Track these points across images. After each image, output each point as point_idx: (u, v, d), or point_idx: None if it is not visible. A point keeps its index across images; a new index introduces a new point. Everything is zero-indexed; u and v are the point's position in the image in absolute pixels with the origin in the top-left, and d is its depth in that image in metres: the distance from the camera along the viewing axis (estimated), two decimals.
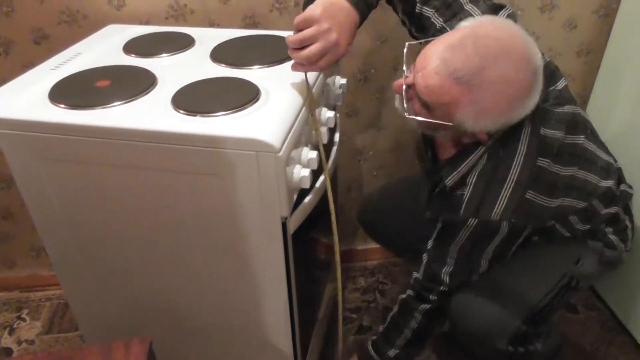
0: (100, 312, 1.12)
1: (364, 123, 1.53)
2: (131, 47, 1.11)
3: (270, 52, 1.06)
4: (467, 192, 0.95)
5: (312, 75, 0.96)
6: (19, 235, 1.61)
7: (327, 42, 0.88)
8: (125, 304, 1.09)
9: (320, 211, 1.01)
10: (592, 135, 1.02)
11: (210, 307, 1.03)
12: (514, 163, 0.91)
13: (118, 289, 1.06)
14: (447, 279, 1.05)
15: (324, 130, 0.96)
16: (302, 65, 0.91)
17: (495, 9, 0.97)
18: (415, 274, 1.13)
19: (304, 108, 0.91)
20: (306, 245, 1.14)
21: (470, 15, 0.95)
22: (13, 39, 1.29)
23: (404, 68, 0.94)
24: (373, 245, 1.79)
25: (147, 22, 1.30)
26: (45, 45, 1.31)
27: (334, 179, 1.17)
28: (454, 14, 0.97)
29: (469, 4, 0.97)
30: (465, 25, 0.88)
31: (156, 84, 0.95)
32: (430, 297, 1.10)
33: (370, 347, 1.21)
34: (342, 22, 0.89)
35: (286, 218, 0.86)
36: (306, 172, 0.87)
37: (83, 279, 1.06)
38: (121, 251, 1.00)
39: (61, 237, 1.00)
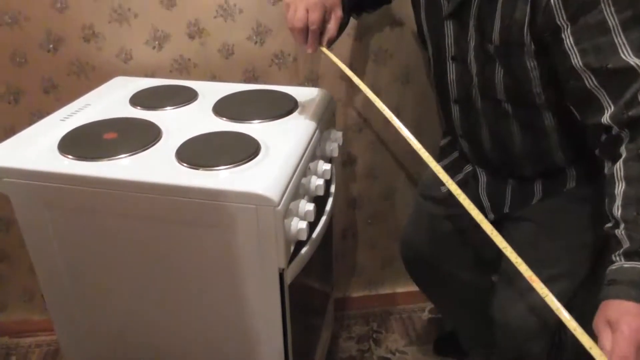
0: (93, 357, 1.12)
1: (359, 172, 1.58)
2: (137, 99, 1.16)
3: (269, 107, 1.11)
4: None
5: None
6: (13, 278, 1.62)
7: (315, 5, 0.89)
8: (121, 350, 1.10)
9: (316, 260, 1.04)
10: None
11: (206, 355, 1.04)
12: None
13: (114, 335, 1.07)
14: None
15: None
16: (316, 42, 0.93)
17: None
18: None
19: (301, 161, 0.95)
20: (302, 293, 1.16)
21: None
22: (23, 88, 1.35)
23: None
24: (368, 292, 1.80)
25: (152, 75, 1.36)
26: (53, 94, 1.36)
27: (329, 227, 1.20)
28: None
29: None
30: None
31: (161, 137, 0.99)
32: None
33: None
34: None
35: (283, 269, 0.89)
36: (303, 225, 0.90)
37: (78, 324, 1.08)
38: (119, 298, 1.02)
39: (60, 282, 1.02)
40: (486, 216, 1.10)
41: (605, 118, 0.77)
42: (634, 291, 0.68)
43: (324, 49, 0.97)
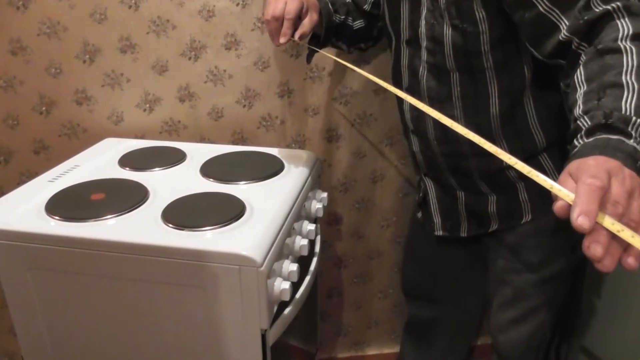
0: None
1: (344, 231, 1.60)
2: (126, 160, 1.19)
3: (256, 168, 1.14)
4: None
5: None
6: None
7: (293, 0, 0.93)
8: None
9: (300, 320, 1.04)
10: None
11: None
12: None
13: None
14: None
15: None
16: (288, 32, 0.94)
17: None
18: None
19: (286, 222, 0.97)
20: (285, 354, 1.15)
21: None
22: (14, 149, 1.37)
23: None
24: (354, 353, 1.78)
25: (142, 136, 1.40)
26: (44, 155, 1.39)
27: (313, 287, 1.21)
28: None
29: None
30: None
31: (148, 198, 1.01)
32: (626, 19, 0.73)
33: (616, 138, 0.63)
34: None
35: (266, 330, 0.89)
36: (286, 285, 0.91)
37: None
38: (99, 358, 1.00)
39: (41, 344, 1.01)
40: (434, 231, 1.15)
41: (563, 34, 0.75)
42: (598, 150, 0.59)
43: (296, 39, 0.96)
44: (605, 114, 0.64)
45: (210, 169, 1.14)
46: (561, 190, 0.57)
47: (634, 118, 0.62)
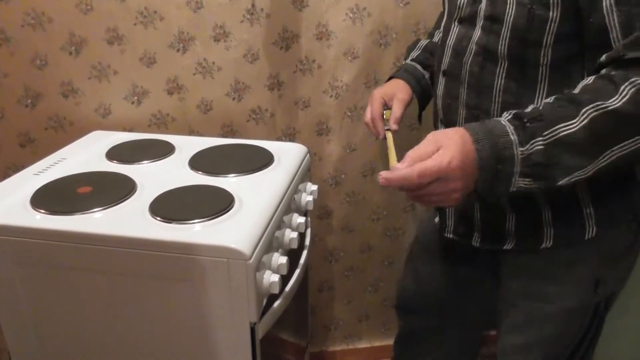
0: None
1: (335, 225, 1.59)
2: (114, 153, 1.17)
3: (245, 161, 1.13)
4: None
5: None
6: None
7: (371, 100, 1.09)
8: None
9: (291, 314, 1.03)
10: None
11: None
12: None
13: None
14: None
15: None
16: (377, 130, 1.08)
17: None
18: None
19: (275, 215, 0.96)
20: (275, 347, 1.15)
21: None
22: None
23: None
24: (346, 346, 1.78)
25: (130, 129, 1.38)
26: (30, 148, 1.37)
27: (303, 281, 1.20)
28: None
29: None
30: None
31: (135, 191, 1.00)
32: None
33: (505, 121, 0.72)
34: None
35: (255, 323, 0.88)
36: (276, 278, 0.90)
37: None
38: (88, 354, 0.99)
39: (27, 339, 0.99)
40: (445, 232, 1.05)
41: (604, 57, 0.72)
42: (482, 132, 0.70)
43: (393, 129, 1.07)
44: (528, 113, 0.70)
45: (199, 162, 1.13)
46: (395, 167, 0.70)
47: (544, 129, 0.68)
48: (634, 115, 0.68)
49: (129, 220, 0.90)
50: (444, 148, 0.68)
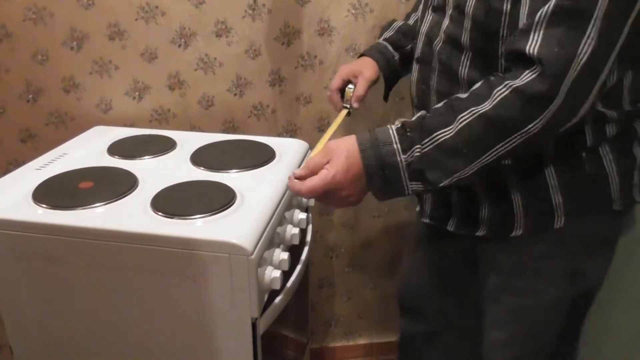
0: None
1: (336, 221, 1.59)
2: (115, 149, 1.17)
3: (247, 157, 1.13)
4: None
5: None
6: None
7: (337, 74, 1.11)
8: None
9: (292, 310, 1.03)
10: None
11: None
12: None
13: None
14: (584, 56, 0.67)
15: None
16: (337, 103, 1.12)
17: None
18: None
19: (277, 211, 0.96)
20: (276, 343, 1.15)
21: None
22: (1, 137, 1.35)
23: None
24: (346, 342, 1.78)
25: (132, 125, 1.38)
26: (31, 143, 1.37)
27: (304, 277, 1.20)
28: None
29: None
30: None
31: (137, 186, 1.00)
32: (528, 74, 0.70)
33: (393, 131, 0.77)
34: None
35: (256, 319, 0.88)
36: (277, 274, 0.90)
37: None
38: (87, 349, 0.99)
39: (29, 334, 1.00)
40: (422, 217, 1.07)
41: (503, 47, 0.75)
42: (368, 142, 0.76)
43: (354, 106, 1.11)
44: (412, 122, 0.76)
45: (200, 158, 1.13)
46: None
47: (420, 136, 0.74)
48: (502, 118, 0.71)
49: (130, 215, 0.90)
50: (331, 161, 0.77)
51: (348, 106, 1.11)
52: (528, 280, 0.94)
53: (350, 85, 1.11)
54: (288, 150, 1.18)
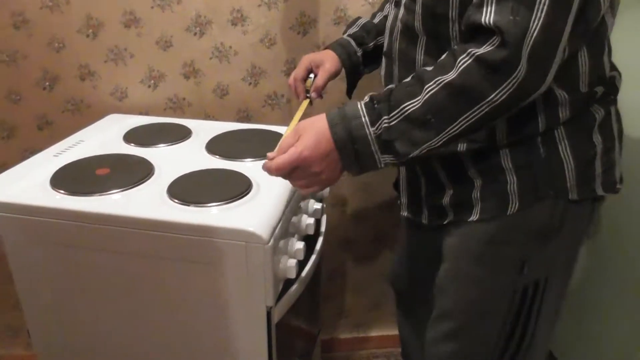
0: None
1: (349, 213, 1.59)
2: (131, 136, 1.17)
3: (262, 146, 1.12)
4: None
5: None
6: None
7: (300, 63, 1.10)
8: None
9: (304, 300, 1.03)
10: None
11: None
12: None
13: None
14: (538, 22, 0.66)
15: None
16: (298, 93, 1.11)
17: None
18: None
19: (292, 200, 0.96)
20: (289, 333, 1.15)
21: None
22: (17, 124, 1.36)
23: None
24: (356, 334, 1.78)
25: (146, 113, 1.38)
26: (47, 131, 1.37)
27: (318, 267, 1.20)
28: None
29: None
30: None
31: (153, 173, 1.00)
32: (489, 42, 0.69)
33: (361, 105, 0.76)
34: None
35: (271, 307, 0.88)
36: (293, 263, 0.90)
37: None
38: (104, 334, 1.00)
39: (45, 317, 1.01)
40: (400, 210, 1.06)
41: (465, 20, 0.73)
42: (338, 117, 0.75)
43: (312, 96, 1.10)
44: (381, 96, 0.74)
45: (216, 146, 1.13)
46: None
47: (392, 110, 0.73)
48: (466, 86, 0.70)
49: (147, 202, 0.90)
50: (300, 139, 0.76)
51: (309, 96, 1.11)
52: (476, 267, 0.91)
53: (311, 75, 1.12)
54: None
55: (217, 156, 1.08)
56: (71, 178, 0.97)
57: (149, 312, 0.95)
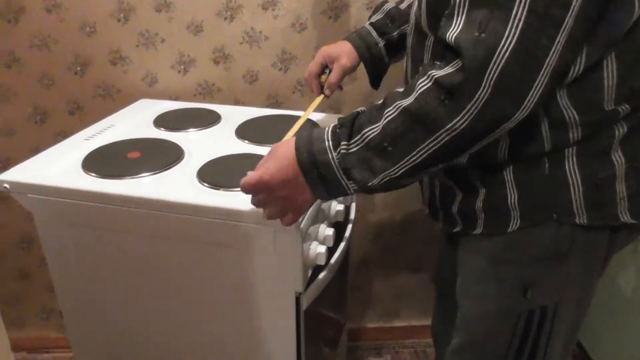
0: None
1: (378, 202, 1.57)
2: (161, 121, 1.17)
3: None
4: None
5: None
6: (32, 296, 1.62)
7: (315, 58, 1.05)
8: None
9: (332, 288, 1.02)
10: None
11: None
12: None
13: (130, 355, 1.06)
14: (512, 39, 0.58)
15: None
16: (315, 89, 1.08)
17: None
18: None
19: None
20: (317, 321, 1.14)
21: None
22: (49, 109, 1.38)
23: None
24: (383, 324, 1.77)
25: (176, 98, 1.38)
26: (78, 115, 1.39)
27: (346, 255, 1.19)
28: None
29: None
30: None
31: (183, 157, 1.00)
32: (451, 64, 0.62)
33: (329, 128, 0.72)
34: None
35: (300, 293, 0.87)
36: (322, 249, 0.89)
37: (94, 342, 1.07)
38: (134, 316, 1.01)
39: (77, 299, 1.02)
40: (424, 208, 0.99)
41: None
42: (304, 140, 0.70)
43: (326, 94, 1.08)
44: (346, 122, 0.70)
45: (245, 131, 1.12)
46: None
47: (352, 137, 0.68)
48: (422, 112, 0.63)
49: (177, 185, 0.90)
50: (266, 162, 0.73)
51: (324, 92, 1.08)
52: (479, 285, 0.86)
53: (326, 70, 1.07)
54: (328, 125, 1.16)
55: (247, 141, 1.08)
56: (102, 161, 0.98)
57: (177, 295, 0.95)
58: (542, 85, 0.60)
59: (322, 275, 0.95)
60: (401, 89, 0.68)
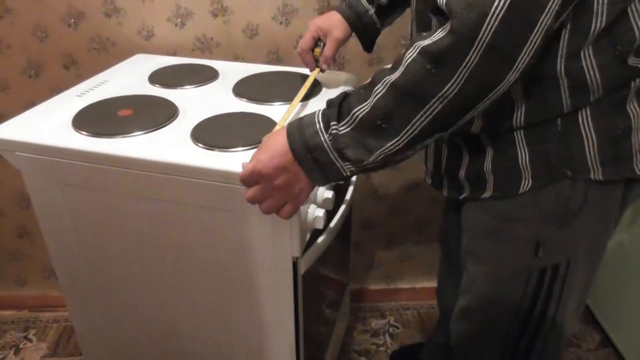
0: (104, 338, 1.11)
1: None
2: (156, 77, 1.13)
3: (292, 90, 1.06)
4: None
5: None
6: (33, 254, 1.62)
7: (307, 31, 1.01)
8: (129, 332, 1.08)
9: (334, 250, 1.00)
10: None
11: (214, 341, 1.02)
12: None
13: (122, 317, 1.06)
14: (502, 11, 0.55)
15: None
16: (309, 64, 1.04)
17: None
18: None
19: None
20: (316, 283, 1.12)
21: None
22: (44, 62, 1.33)
23: None
24: (386, 286, 1.76)
25: (174, 53, 1.33)
26: (73, 70, 1.34)
27: (348, 217, 1.16)
28: None
29: None
30: None
31: (177, 116, 0.96)
32: (440, 31, 0.60)
33: (318, 112, 0.71)
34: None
35: (297, 258, 0.85)
36: (320, 213, 0.86)
37: (89, 303, 1.06)
38: (128, 279, 1.00)
39: (71, 260, 1.01)
40: (426, 177, 0.99)
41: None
42: (295, 126, 0.69)
43: (322, 68, 1.04)
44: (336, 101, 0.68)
45: (243, 89, 1.07)
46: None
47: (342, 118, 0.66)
48: (410, 84, 0.62)
49: (169, 145, 0.86)
50: (258, 152, 0.72)
51: (319, 66, 1.04)
52: (489, 244, 0.85)
53: (320, 43, 1.03)
54: (335, 84, 1.11)
55: (244, 99, 1.03)
56: (93, 119, 0.94)
57: (172, 257, 0.93)
58: (534, 45, 0.58)
59: (321, 239, 0.92)
60: (389, 65, 0.66)
